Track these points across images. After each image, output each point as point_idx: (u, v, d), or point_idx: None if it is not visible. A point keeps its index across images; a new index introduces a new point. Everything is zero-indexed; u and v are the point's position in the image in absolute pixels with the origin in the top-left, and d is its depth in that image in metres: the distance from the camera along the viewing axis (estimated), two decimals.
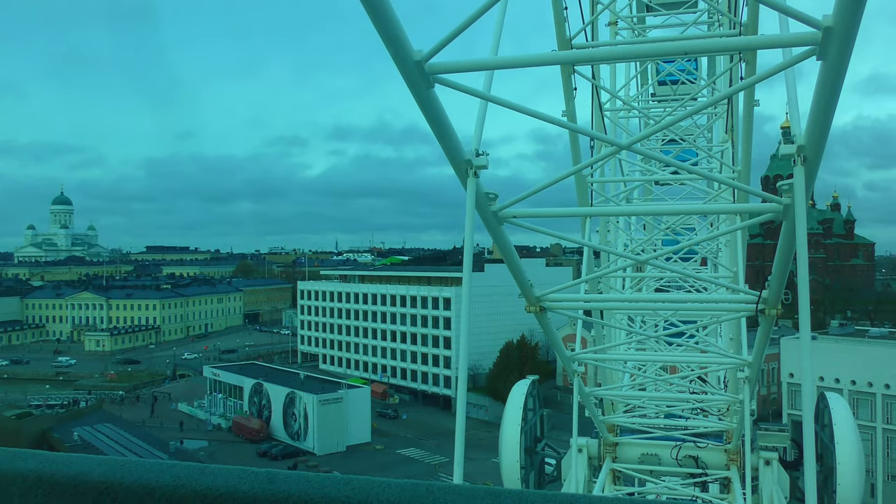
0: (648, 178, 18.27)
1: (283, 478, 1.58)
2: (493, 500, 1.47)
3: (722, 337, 20.63)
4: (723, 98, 16.77)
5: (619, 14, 16.70)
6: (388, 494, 1.50)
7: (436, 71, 6.30)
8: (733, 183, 13.74)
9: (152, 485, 1.58)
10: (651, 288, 20.74)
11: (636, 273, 19.98)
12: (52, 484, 1.62)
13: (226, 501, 1.54)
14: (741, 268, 17.46)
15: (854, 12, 5.11)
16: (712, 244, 20.10)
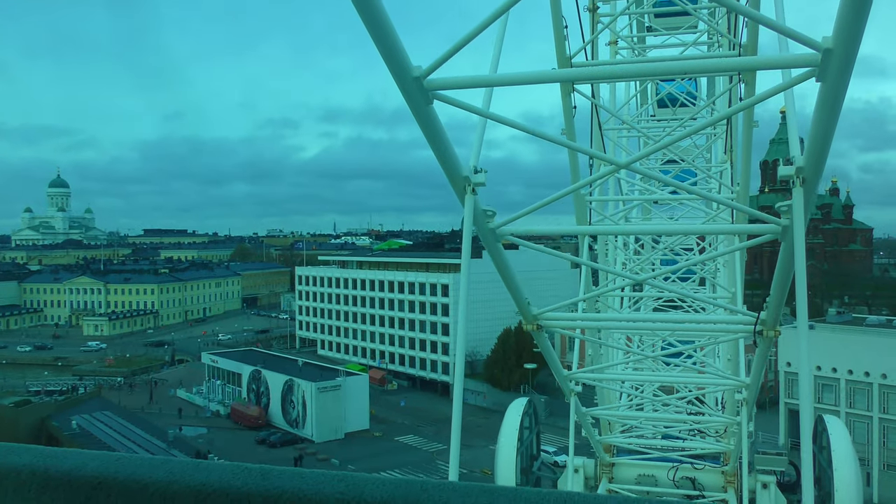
0: (647, 197, 18.10)
1: (278, 474, 1.58)
2: (487, 497, 1.47)
3: (720, 357, 20.54)
4: (722, 118, 16.62)
5: (619, 34, 16.54)
6: (382, 491, 1.50)
7: (434, 87, 6.29)
8: (732, 203, 13.60)
9: (146, 480, 1.58)
10: (649, 307, 20.63)
11: (634, 292, 19.85)
12: (46, 479, 1.62)
13: (220, 497, 1.53)
14: (739, 288, 17.33)
15: (853, 34, 5.06)
16: (710, 264, 19.97)
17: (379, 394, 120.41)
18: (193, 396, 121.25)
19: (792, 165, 7.64)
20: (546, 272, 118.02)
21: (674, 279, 18.88)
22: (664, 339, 17.97)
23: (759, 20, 9.09)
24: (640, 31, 17.82)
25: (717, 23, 16.07)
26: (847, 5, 4.84)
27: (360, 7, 5.05)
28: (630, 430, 19.22)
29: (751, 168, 17.08)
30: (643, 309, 19.60)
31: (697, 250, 20.44)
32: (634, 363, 19.63)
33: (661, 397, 18.40)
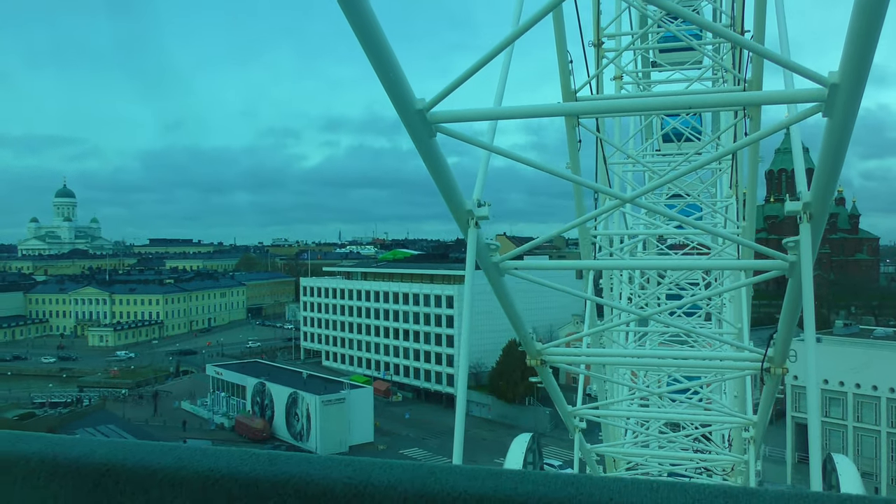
0: (652, 231, 17.89)
1: (285, 459, 1.58)
2: (494, 480, 1.47)
3: (727, 394, 20.27)
4: (727, 153, 16.43)
5: (624, 68, 16.41)
6: (389, 475, 1.50)
7: (438, 120, 6.26)
8: (738, 239, 13.42)
9: (154, 466, 1.58)
10: (655, 342, 20.39)
11: (640, 327, 19.62)
12: (55, 466, 1.63)
13: (227, 483, 1.54)
14: (746, 324, 17.08)
15: (860, 70, 5.04)
16: (717, 299, 19.73)
17: (384, 405, 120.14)
18: (198, 409, 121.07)
19: (799, 201, 7.50)
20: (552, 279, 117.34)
21: (679, 314, 18.65)
22: (670, 375, 17.73)
23: (764, 55, 8.97)
24: (644, 66, 17.69)
25: (722, 58, 15.90)
26: (853, 41, 4.80)
27: (364, 41, 5.05)
28: (635, 467, 18.95)
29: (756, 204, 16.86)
30: (649, 344, 19.36)
31: (703, 285, 20.20)
32: (640, 399, 19.39)
33: (667, 434, 18.14)
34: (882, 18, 4.62)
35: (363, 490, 1.48)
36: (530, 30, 6.41)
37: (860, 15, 4.59)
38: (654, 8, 16.48)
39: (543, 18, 6.22)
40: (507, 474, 1.50)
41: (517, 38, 6.59)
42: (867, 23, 4.63)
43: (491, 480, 1.47)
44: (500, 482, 1.47)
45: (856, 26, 4.70)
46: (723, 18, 16.71)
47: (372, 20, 4.92)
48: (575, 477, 1.47)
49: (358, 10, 4.77)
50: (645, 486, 1.39)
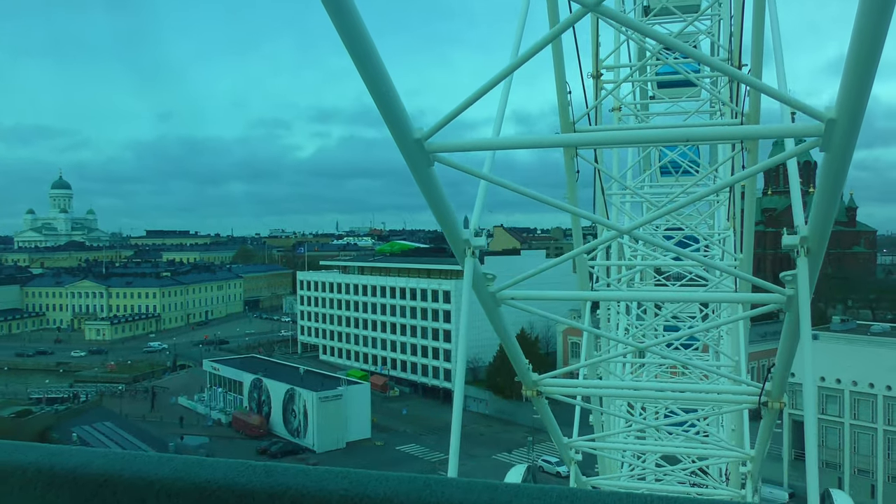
0: (649, 263, 17.73)
1: (281, 471, 1.58)
2: (490, 493, 1.48)
3: (724, 427, 20.12)
4: (724, 186, 16.32)
5: (622, 100, 16.30)
6: (385, 488, 1.51)
7: (436, 149, 6.25)
8: (735, 272, 13.28)
9: (151, 477, 1.59)
10: (652, 373, 20.24)
11: (637, 359, 19.49)
12: (52, 476, 1.63)
13: (224, 494, 1.54)
14: (743, 357, 16.91)
15: (858, 104, 5.05)
16: (714, 331, 19.58)
17: (381, 400, 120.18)
18: (195, 404, 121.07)
19: (796, 235, 7.42)
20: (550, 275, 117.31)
21: (677, 346, 18.50)
22: (667, 407, 17.57)
23: (762, 90, 8.84)
24: (643, 98, 17.60)
25: (720, 91, 15.73)
26: (851, 76, 4.80)
27: (363, 72, 5.08)
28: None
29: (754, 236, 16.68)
30: (646, 375, 19.21)
31: (700, 316, 20.06)
32: (636, 432, 19.26)
33: (664, 468, 17.98)
34: (879, 55, 4.59)
35: (359, 502, 1.49)
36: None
37: (857, 51, 4.58)
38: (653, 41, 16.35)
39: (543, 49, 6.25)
40: (502, 488, 1.50)
41: (516, 69, 6.55)
42: (864, 59, 4.62)
43: (487, 493, 1.48)
44: (495, 495, 1.47)
45: (852, 62, 4.69)
46: (720, 52, 16.56)
47: (372, 52, 4.96)
48: (570, 491, 1.47)
49: (358, 42, 4.81)
50: (639, 501, 1.40)
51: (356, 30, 4.69)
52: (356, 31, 4.70)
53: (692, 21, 14.49)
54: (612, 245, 17.71)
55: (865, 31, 4.41)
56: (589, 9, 5.24)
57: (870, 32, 4.39)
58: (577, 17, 5.97)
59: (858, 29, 4.42)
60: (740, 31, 14.53)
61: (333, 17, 4.53)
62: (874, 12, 4.26)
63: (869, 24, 4.34)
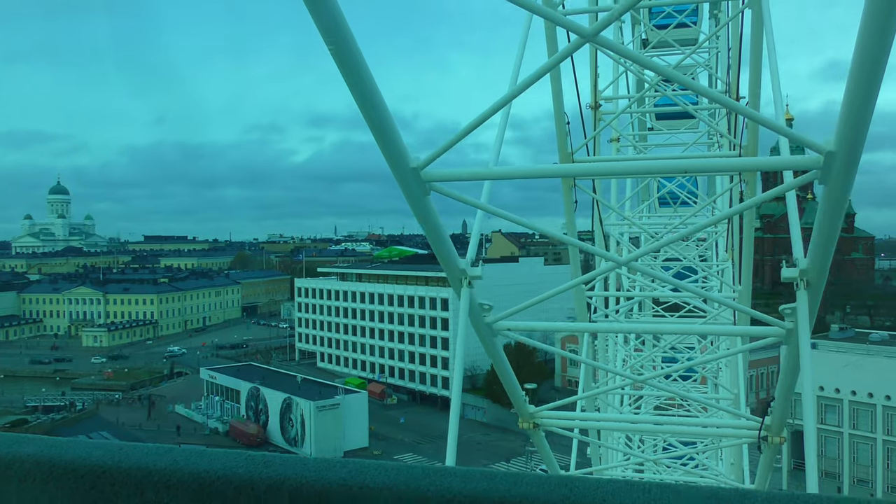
0: (648, 294, 17.54)
1: (280, 461, 1.58)
2: (488, 482, 1.48)
3: (723, 461, 19.87)
4: (722, 218, 16.16)
5: (621, 131, 16.23)
6: (384, 477, 1.51)
7: (432, 179, 6.27)
8: (733, 304, 13.17)
9: (149, 468, 1.59)
10: (650, 405, 20.01)
11: (635, 391, 19.26)
12: (51, 468, 1.63)
13: (222, 484, 1.54)
14: (742, 390, 16.69)
15: (856, 137, 5.04)
16: (713, 363, 19.37)
17: (378, 408, 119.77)
18: (192, 412, 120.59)
19: (795, 268, 7.36)
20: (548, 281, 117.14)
21: (675, 377, 18.32)
22: (665, 441, 17.35)
23: (761, 122, 8.76)
24: (641, 129, 17.53)
25: (718, 123, 15.57)
26: (849, 109, 4.81)
27: (362, 103, 5.15)
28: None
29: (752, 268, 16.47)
30: (644, 407, 18.99)
31: (699, 348, 19.87)
32: (635, 465, 19.02)
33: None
34: (878, 88, 4.60)
35: (358, 492, 1.50)
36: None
37: (856, 84, 4.58)
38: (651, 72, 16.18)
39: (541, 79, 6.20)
40: (501, 476, 1.51)
41: (513, 98, 6.53)
42: (863, 92, 4.62)
43: (485, 482, 1.48)
44: (494, 484, 1.47)
45: (851, 95, 4.70)
46: (718, 85, 16.40)
47: (369, 82, 5.01)
48: (569, 478, 1.47)
49: (355, 73, 4.86)
50: (638, 488, 1.40)
51: (354, 61, 4.77)
52: (354, 62, 4.77)
53: (690, 53, 14.34)
54: (611, 275, 17.55)
55: (864, 66, 4.42)
56: (586, 39, 5.23)
57: (868, 67, 4.41)
58: (575, 48, 5.93)
59: (857, 63, 4.43)
60: (738, 63, 14.36)
61: (333, 49, 4.59)
62: (872, 47, 4.27)
63: (867, 58, 4.35)
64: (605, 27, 5.29)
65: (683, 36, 16.58)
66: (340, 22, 4.49)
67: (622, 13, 5.97)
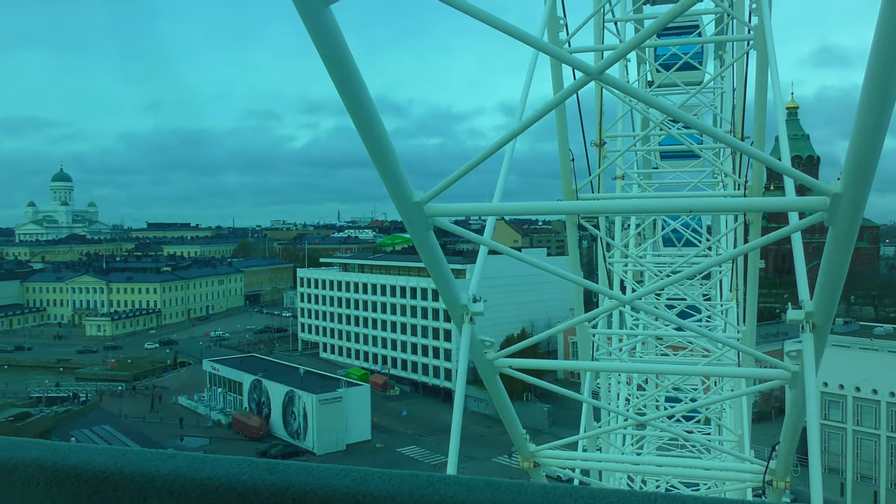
0: (651, 333, 17.19)
1: (283, 468, 1.58)
2: (492, 491, 1.47)
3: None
4: (727, 259, 15.77)
5: (625, 169, 15.95)
6: (387, 485, 1.51)
7: (435, 213, 6.25)
8: (738, 345, 12.72)
9: (152, 474, 1.60)
10: (652, 445, 19.69)
11: (637, 430, 18.92)
12: (54, 473, 1.64)
13: (226, 491, 1.55)
14: (747, 432, 16.30)
15: (863, 180, 5.03)
16: (717, 404, 19.02)
17: (381, 400, 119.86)
18: (195, 404, 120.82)
19: (801, 310, 7.20)
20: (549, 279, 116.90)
21: (678, 418, 18.04)
22: (668, 483, 17.02)
23: (766, 163, 8.50)
24: (646, 166, 17.31)
25: (722, 162, 15.16)
26: (856, 151, 4.79)
27: (367, 139, 5.20)
28: None
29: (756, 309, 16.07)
30: (646, 447, 18.67)
31: (703, 388, 19.52)
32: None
33: None
34: (884, 132, 4.60)
35: (361, 499, 1.49)
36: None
37: (862, 128, 4.57)
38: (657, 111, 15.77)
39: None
40: (505, 485, 1.49)
41: (518, 134, 6.54)
42: (869, 134, 4.60)
43: (489, 491, 1.48)
44: (498, 493, 1.47)
45: (858, 138, 4.67)
46: (723, 125, 15.98)
47: (373, 118, 5.06)
48: (574, 489, 1.46)
49: (361, 108, 4.92)
50: (643, 499, 1.40)
51: (360, 97, 4.82)
52: (360, 98, 4.82)
53: (695, 94, 13.93)
54: (614, 312, 17.29)
55: (870, 108, 4.40)
56: (591, 77, 5.21)
57: (875, 109, 4.39)
58: (580, 85, 5.92)
59: (864, 105, 4.41)
60: (743, 104, 13.96)
61: (339, 86, 4.63)
62: (879, 88, 4.23)
63: (874, 100, 4.33)
64: (609, 65, 5.27)
65: (688, 78, 16.23)
66: (349, 64, 4.54)
67: (627, 52, 5.90)
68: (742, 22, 12.51)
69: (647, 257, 18.52)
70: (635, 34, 8.10)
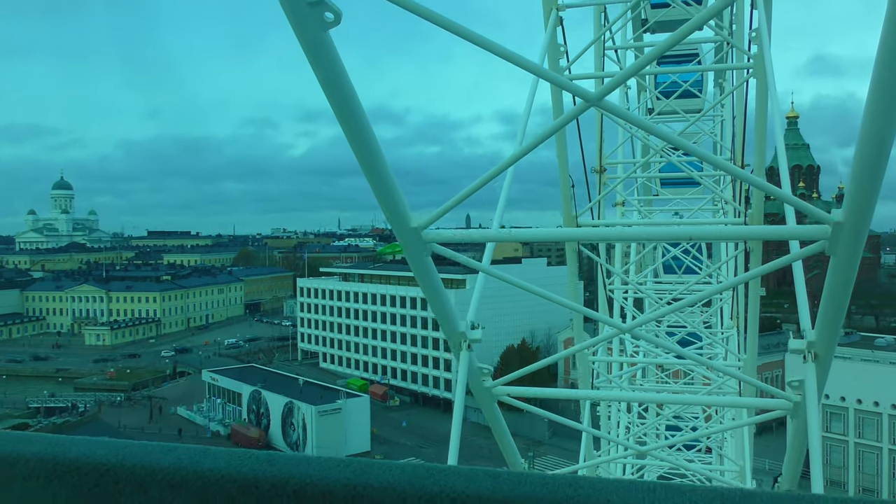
0: (651, 360, 16.99)
1: (284, 460, 1.58)
2: (492, 481, 1.48)
3: None
4: (728, 288, 15.54)
5: (626, 196, 15.83)
6: (388, 476, 1.51)
7: (432, 239, 6.23)
8: (739, 374, 12.58)
9: (153, 466, 1.60)
10: (653, 475, 19.48)
11: (637, 460, 18.70)
12: (55, 466, 1.64)
13: (226, 483, 1.55)
14: (748, 462, 16.06)
15: (864, 209, 5.00)
16: (718, 434, 18.79)
17: (381, 410, 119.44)
18: (194, 415, 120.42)
19: (803, 339, 7.14)
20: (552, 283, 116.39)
21: (679, 447, 17.82)
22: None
23: (767, 191, 8.47)
24: (646, 193, 17.23)
25: (722, 190, 14.97)
26: (857, 181, 4.80)
27: (361, 158, 5.21)
28: None
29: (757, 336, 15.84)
30: (647, 476, 18.45)
31: (703, 417, 19.32)
32: None
33: None
34: (885, 162, 4.60)
35: (362, 491, 1.50)
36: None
37: (863, 158, 4.58)
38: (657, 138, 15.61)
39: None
40: (505, 475, 1.50)
41: (517, 160, 6.56)
42: (870, 164, 4.60)
43: (489, 481, 1.48)
44: (497, 483, 1.47)
45: (859, 167, 4.67)
46: (723, 152, 15.83)
47: (373, 145, 5.10)
48: (573, 478, 1.47)
49: (359, 135, 4.96)
50: (642, 488, 1.40)
51: (357, 121, 4.86)
52: (357, 122, 4.86)
53: (695, 121, 13.75)
54: (614, 339, 17.12)
55: (871, 139, 4.40)
56: (591, 103, 5.20)
57: (876, 139, 4.38)
58: (580, 111, 5.90)
59: (864, 136, 4.40)
60: (743, 131, 13.77)
61: (337, 110, 4.69)
62: (880, 118, 4.23)
63: (875, 130, 4.33)
64: (609, 92, 5.24)
65: (688, 105, 16.11)
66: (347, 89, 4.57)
67: (626, 79, 5.93)
68: (741, 50, 12.37)
69: (647, 284, 18.38)
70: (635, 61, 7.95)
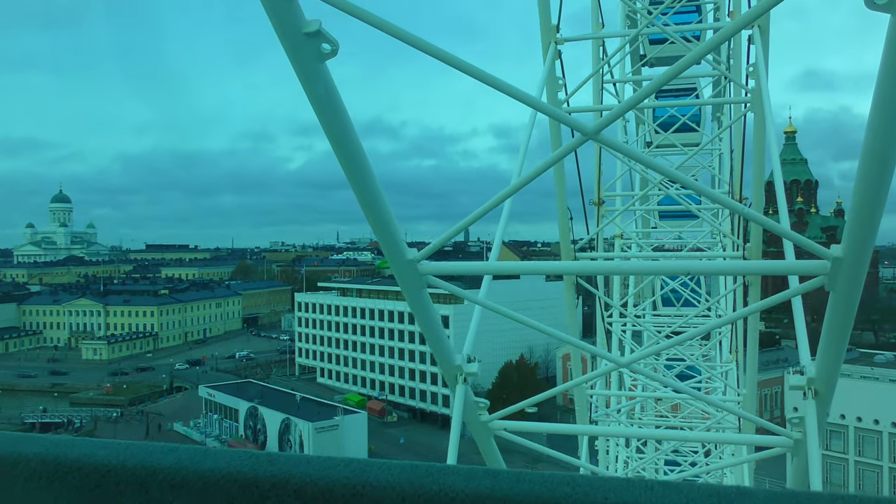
0: (650, 395, 16.74)
1: (284, 459, 1.59)
2: (491, 480, 1.48)
3: None
4: (726, 323, 15.32)
5: (624, 228, 15.68)
6: (387, 475, 1.52)
7: (428, 272, 6.21)
8: (738, 411, 12.38)
9: (154, 467, 1.60)
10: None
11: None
12: (56, 467, 1.64)
13: (227, 482, 1.56)
14: None
15: (864, 244, 4.98)
16: (717, 471, 18.51)
17: (378, 426, 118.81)
18: (191, 431, 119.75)
19: (803, 376, 7.01)
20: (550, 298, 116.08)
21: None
22: None
23: (765, 225, 8.43)
24: (645, 226, 17.10)
25: (721, 223, 14.77)
26: (857, 216, 4.81)
27: (361, 197, 5.23)
28: None
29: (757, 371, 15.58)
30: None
31: (703, 452, 19.06)
32: None
33: None
34: (884, 197, 4.59)
35: (362, 490, 1.50)
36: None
37: (862, 193, 4.59)
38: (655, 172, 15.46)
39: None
40: (504, 474, 1.50)
41: (515, 192, 6.51)
42: (869, 199, 4.60)
43: (488, 480, 1.48)
44: (497, 482, 1.47)
45: (858, 203, 4.68)
46: (721, 185, 15.65)
47: (370, 180, 5.11)
48: (571, 477, 1.47)
49: (356, 166, 4.97)
50: (640, 486, 1.40)
51: (354, 152, 4.87)
52: (354, 153, 4.88)
53: (693, 155, 13.58)
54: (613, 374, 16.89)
55: (870, 175, 4.41)
56: (588, 136, 5.21)
57: (874, 175, 4.39)
58: (577, 144, 5.93)
59: (863, 172, 4.41)
60: (741, 165, 13.60)
61: (333, 141, 4.72)
62: (879, 154, 4.23)
63: (873, 165, 4.32)
64: (607, 125, 5.24)
65: (686, 139, 15.99)
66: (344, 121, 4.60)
67: (624, 112, 5.87)
68: (739, 85, 12.21)
69: (645, 317, 18.19)
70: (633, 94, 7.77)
